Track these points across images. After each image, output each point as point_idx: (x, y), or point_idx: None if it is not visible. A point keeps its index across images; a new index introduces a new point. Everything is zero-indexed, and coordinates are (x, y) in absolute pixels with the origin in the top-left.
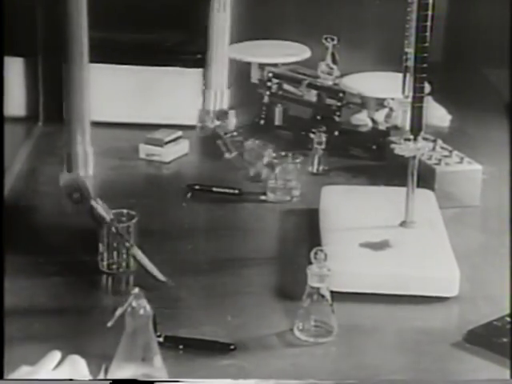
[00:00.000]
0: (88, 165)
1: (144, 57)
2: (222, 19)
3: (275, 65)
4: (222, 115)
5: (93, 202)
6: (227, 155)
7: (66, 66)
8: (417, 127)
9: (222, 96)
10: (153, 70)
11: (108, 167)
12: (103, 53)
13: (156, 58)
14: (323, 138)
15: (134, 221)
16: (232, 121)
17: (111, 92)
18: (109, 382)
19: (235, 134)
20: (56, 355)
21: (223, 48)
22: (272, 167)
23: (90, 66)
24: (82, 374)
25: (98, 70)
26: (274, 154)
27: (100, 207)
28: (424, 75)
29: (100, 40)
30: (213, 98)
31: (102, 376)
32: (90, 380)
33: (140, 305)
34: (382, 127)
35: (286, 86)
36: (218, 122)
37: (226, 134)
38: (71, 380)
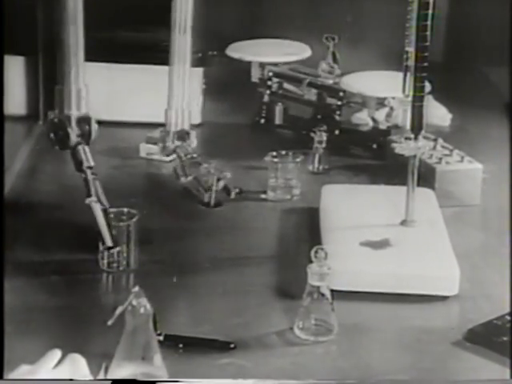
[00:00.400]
0: (81, 104)
1: (145, 56)
2: (182, 41)
3: (276, 64)
4: (183, 136)
5: (78, 146)
6: (183, 179)
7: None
8: (417, 126)
9: (184, 116)
10: (153, 69)
11: (108, 166)
12: (103, 52)
13: (156, 56)
14: (324, 137)
15: (134, 219)
16: (193, 141)
17: (111, 91)
18: (109, 382)
19: (195, 155)
20: (56, 354)
21: (184, 69)
22: (228, 192)
23: (89, 65)
24: (82, 372)
25: (98, 69)
26: (229, 175)
27: (82, 151)
28: (424, 74)
29: (100, 39)
30: (174, 118)
31: (102, 375)
32: (89, 380)
33: (140, 303)
34: (382, 126)
35: (287, 85)
36: (178, 143)
37: (186, 155)
38: (71, 380)
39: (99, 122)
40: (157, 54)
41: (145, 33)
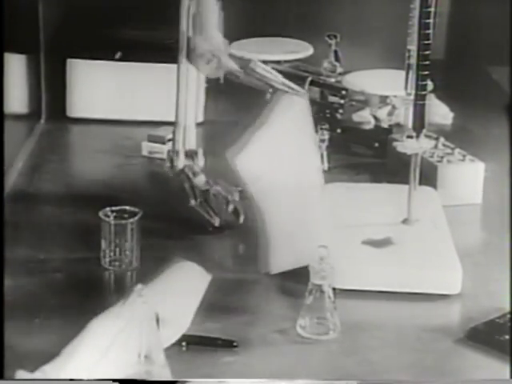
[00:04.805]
0: None
1: (146, 54)
2: (189, 67)
3: (278, 62)
4: (191, 155)
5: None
6: (192, 202)
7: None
8: (419, 125)
9: (191, 135)
10: (156, 67)
11: (111, 165)
12: (104, 50)
13: (158, 55)
14: (326, 135)
15: (136, 218)
16: (201, 161)
17: (113, 89)
18: (109, 381)
19: (203, 175)
20: None
21: (191, 91)
22: (237, 214)
23: (93, 63)
24: None
25: (101, 67)
26: (238, 199)
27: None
28: (426, 72)
29: (102, 38)
30: (182, 137)
31: None
32: (90, 380)
33: (143, 301)
34: (384, 125)
35: None
36: (187, 162)
37: (194, 174)
38: (71, 380)
39: (102, 121)
40: (159, 52)
41: (148, 31)
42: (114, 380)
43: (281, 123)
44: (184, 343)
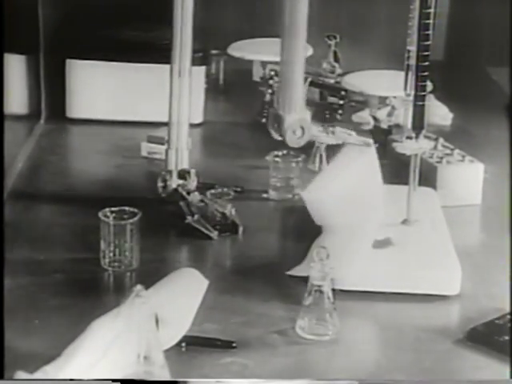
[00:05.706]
0: None
1: (145, 55)
2: (182, 85)
3: (277, 63)
4: (184, 174)
5: None
6: (189, 218)
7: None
8: (419, 125)
9: (183, 155)
10: (155, 68)
11: (110, 165)
12: (104, 50)
13: (158, 55)
14: None
15: (136, 218)
16: (194, 180)
17: (113, 90)
18: (109, 381)
19: (197, 193)
20: None
21: (183, 112)
22: (236, 227)
23: (91, 64)
24: None
25: (100, 68)
26: (235, 213)
27: None
28: (426, 73)
29: (102, 38)
30: (174, 158)
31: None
32: (90, 380)
33: (142, 302)
34: (383, 125)
35: None
36: (180, 182)
37: (188, 193)
38: (71, 380)
39: (101, 122)
40: (159, 52)
41: (148, 31)
42: (114, 380)
43: (349, 168)
44: (183, 344)
